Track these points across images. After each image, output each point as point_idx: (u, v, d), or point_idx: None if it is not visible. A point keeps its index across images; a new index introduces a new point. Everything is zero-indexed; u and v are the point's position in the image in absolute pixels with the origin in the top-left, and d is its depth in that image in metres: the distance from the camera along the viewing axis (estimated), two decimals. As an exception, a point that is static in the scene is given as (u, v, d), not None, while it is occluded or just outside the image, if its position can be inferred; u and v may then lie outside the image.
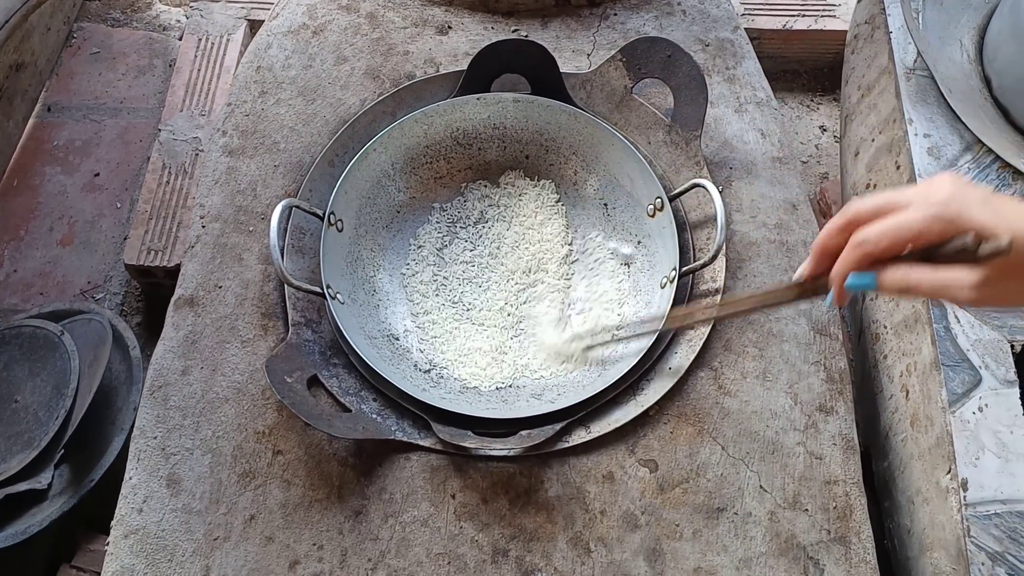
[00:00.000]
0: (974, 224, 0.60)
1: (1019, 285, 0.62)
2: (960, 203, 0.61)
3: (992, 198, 0.61)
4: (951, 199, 0.61)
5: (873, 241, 0.63)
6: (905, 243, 0.63)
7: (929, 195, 0.62)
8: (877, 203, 0.64)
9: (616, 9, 1.28)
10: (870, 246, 0.63)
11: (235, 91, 1.17)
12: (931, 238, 0.62)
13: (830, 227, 0.67)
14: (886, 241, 0.63)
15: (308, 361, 0.98)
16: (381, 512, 0.92)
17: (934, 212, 0.61)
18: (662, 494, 0.94)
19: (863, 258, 0.64)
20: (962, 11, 1.23)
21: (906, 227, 0.62)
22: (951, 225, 0.61)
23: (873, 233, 0.63)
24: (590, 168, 1.15)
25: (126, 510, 0.91)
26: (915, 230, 0.62)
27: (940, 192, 0.62)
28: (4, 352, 1.28)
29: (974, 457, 0.93)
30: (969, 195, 0.61)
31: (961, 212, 0.60)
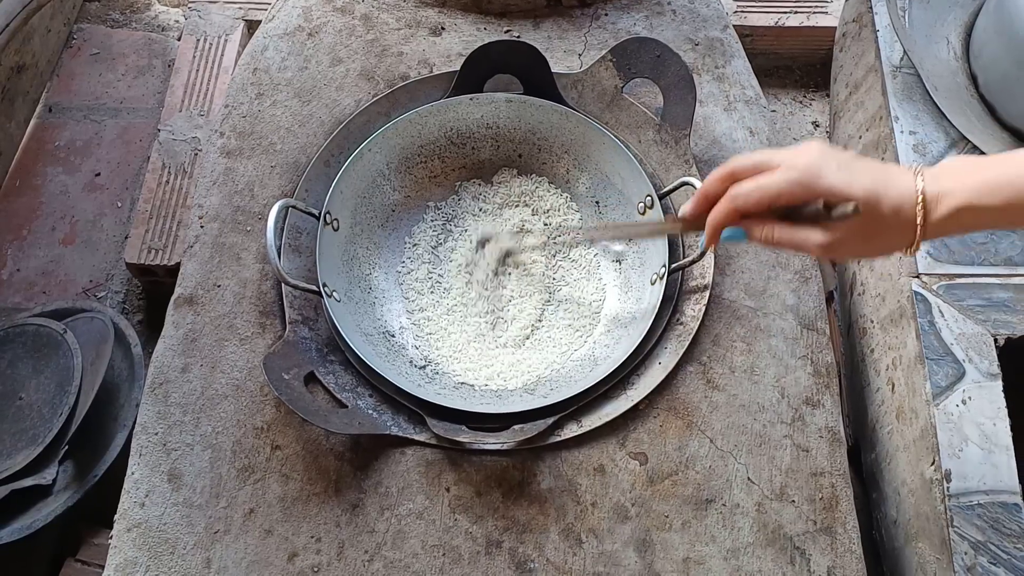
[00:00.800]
0: (828, 190, 0.68)
1: (861, 242, 0.70)
2: (819, 168, 0.68)
3: (851, 163, 0.69)
4: (811, 164, 0.68)
5: (743, 197, 0.71)
6: (769, 203, 0.70)
7: (795, 159, 0.69)
8: (753, 160, 0.72)
9: (607, 9, 1.30)
10: (740, 201, 0.71)
11: (232, 93, 1.19)
12: (791, 200, 0.70)
13: (713, 176, 0.75)
14: (754, 198, 0.70)
15: (305, 358, 1.00)
16: (377, 505, 0.94)
17: (794, 177, 0.68)
18: (652, 486, 0.96)
19: (734, 212, 0.72)
20: (949, 9, 1.25)
21: (770, 188, 0.70)
22: (807, 190, 0.68)
23: (743, 191, 0.71)
24: (582, 167, 1.17)
25: (129, 504, 0.94)
26: (777, 192, 0.69)
27: (804, 157, 0.69)
28: (8, 350, 1.30)
29: (957, 449, 0.95)
30: (829, 161, 0.68)
31: (818, 178, 0.68)
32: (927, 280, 1.05)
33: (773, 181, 0.69)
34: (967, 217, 0.67)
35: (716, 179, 0.74)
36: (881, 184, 0.68)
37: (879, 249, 0.74)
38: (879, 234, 0.70)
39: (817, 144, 0.70)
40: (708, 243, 0.77)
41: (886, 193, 0.67)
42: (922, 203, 0.67)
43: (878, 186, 0.67)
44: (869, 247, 0.72)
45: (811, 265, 1.08)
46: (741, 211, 0.72)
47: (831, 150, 0.70)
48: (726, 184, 0.73)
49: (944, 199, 0.67)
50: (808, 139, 0.71)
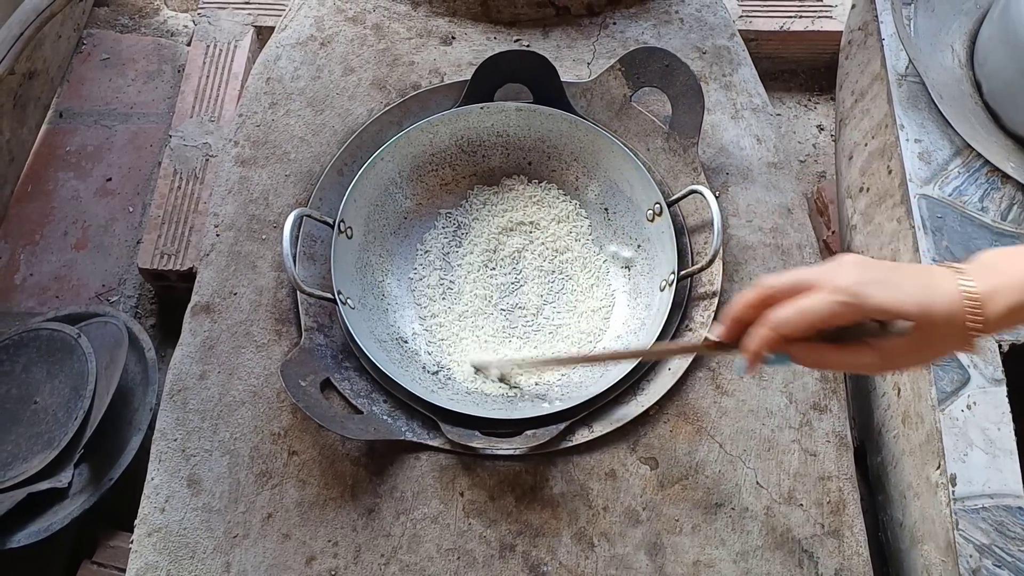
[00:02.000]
0: (878, 309, 0.65)
1: (918, 354, 0.68)
2: (864, 286, 0.65)
3: (892, 276, 0.67)
4: (856, 284, 0.66)
5: (786, 325, 0.67)
6: (814, 327, 0.67)
7: (835, 278, 0.66)
8: (787, 282, 0.69)
9: (615, 18, 1.31)
10: (785, 330, 0.68)
11: (246, 102, 1.21)
12: (838, 322, 0.67)
13: (744, 300, 0.71)
14: (797, 325, 0.67)
15: (321, 365, 1.01)
16: (393, 510, 0.96)
17: (841, 299, 0.65)
18: (662, 490, 0.97)
19: (777, 339, 0.69)
20: (953, 17, 1.26)
21: (815, 312, 0.66)
22: (855, 310, 0.65)
23: (785, 317, 0.67)
24: (591, 174, 1.18)
25: (149, 509, 0.95)
26: (823, 315, 0.66)
27: (846, 277, 0.66)
28: (23, 354, 1.32)
29: (963, 453, 0.97)
30: (872, 277, 0.66)
31: (866, 297, 0.65)
32: (932, 286, 1.06)
33: (818, 304, 0.66)
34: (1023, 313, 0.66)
35: (749, 304, 0.71)
36: (928, 295, 0.66)
37: (934, 356, 0.72)
38: (933, 343, 0.68)
39: (852, 259, 0.69)
40: (751, 370, 0.73)
41: (934, 303, 0.65)
42: (975, 306, 0.65)
43: (926, 298, 0.65)
44: (924, 356, 0.70)
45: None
46: (785, 339, 0.69)
47: (869, 264, 0.68)
48: (759, 309, 0.70)
49: (998, 298, 0.65)
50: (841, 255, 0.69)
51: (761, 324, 0.69)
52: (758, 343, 0.70)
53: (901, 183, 1.12)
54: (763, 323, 0.69)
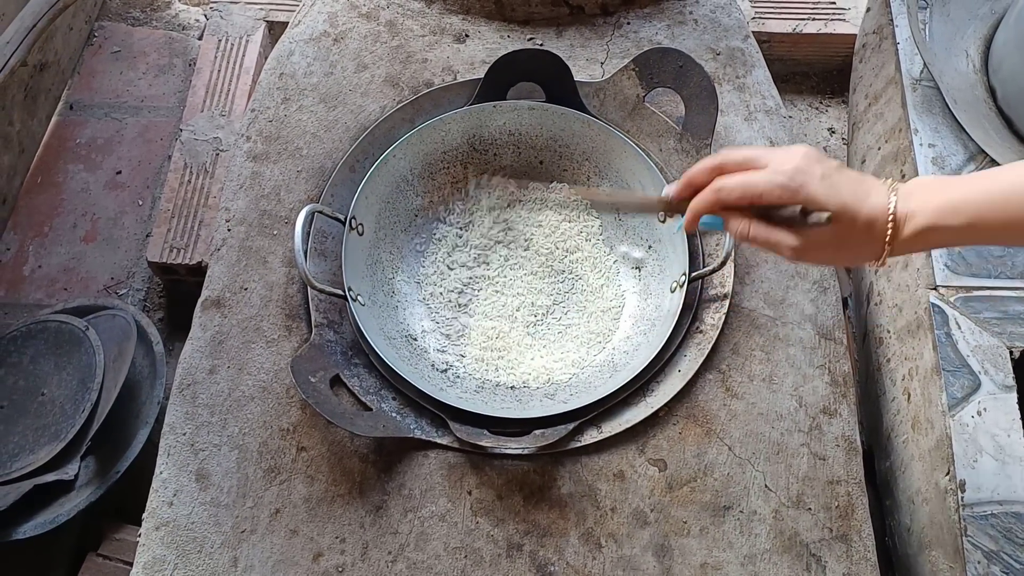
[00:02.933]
0: (808, 197, 0.71)
1: (832, 250, 0.74)
2: (803, 175, 0.71)
3: (834, 173, 0.72)
4: (796, 171, 0.71)
5: (727, 191, 0.74)
6: (751, 199, 0.73)
7: (783, 163, 0.72)
8: (742, 156, 0.75)
9: (629, 18, 1.31)
10: (723, 194, 0.74)
11: (258, 97, 1.21)
12: (771, 201, 0.72)
13: (702, 165, 0.77)
14: (736, 194, 0.73)
15: (330, 361, 1.01)
16: (401, 507, 0.96)
17: (779, 180, 0.71)
18: (670, 492, 0.97)
19: (716, 203, 0.75)
20: (968, 22, 1.26)
21: (754, 187, 0.72)
22: (789, 193, 0.71)
23: (728, 184, 0.74)
24: (603, 174, 1.18)
25: (157, 503, 0.95)
26: (760, 191, 0.72)
27: (791, 162, 0.72)
28: (30, 346, 1.32)
29: (972, 459, 0.97)
30: (814, 169, 0.71)
31: (802, 185, 0.71)
32: (944, 292, 1.06)
33: (758, 180, 0.72)
34: (932, 236, 0.70)
35: (704, 169, 0.77)
36: (857, 198, 0.71)
37: (847, 259, 0.78)
38: (849, 245, 0.73)
39: (804, 149, 0.73)
40: (688, 226, 0.79)
41: (860, 208, 0.70)
42: (892, 221, 0.70)
43: (854, 200, 0.70)
44: (838, 256, 0.76)
45: (829, 275, 1.09)
46: (723, 203, 0.75)
47: (817, 158, 0.72)
48: (712, 175, 0.76)
49: (911, 219, 0.70)
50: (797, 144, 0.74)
51: (707, 188, 0.76)
52: (700, 203, 0.76)
53: (914, 188, 1.12)
54: (709, 187, 0.75)
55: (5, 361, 1.31)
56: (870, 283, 1.25)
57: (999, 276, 1.06)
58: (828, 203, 0.70)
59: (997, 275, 1.07)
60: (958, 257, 1.07)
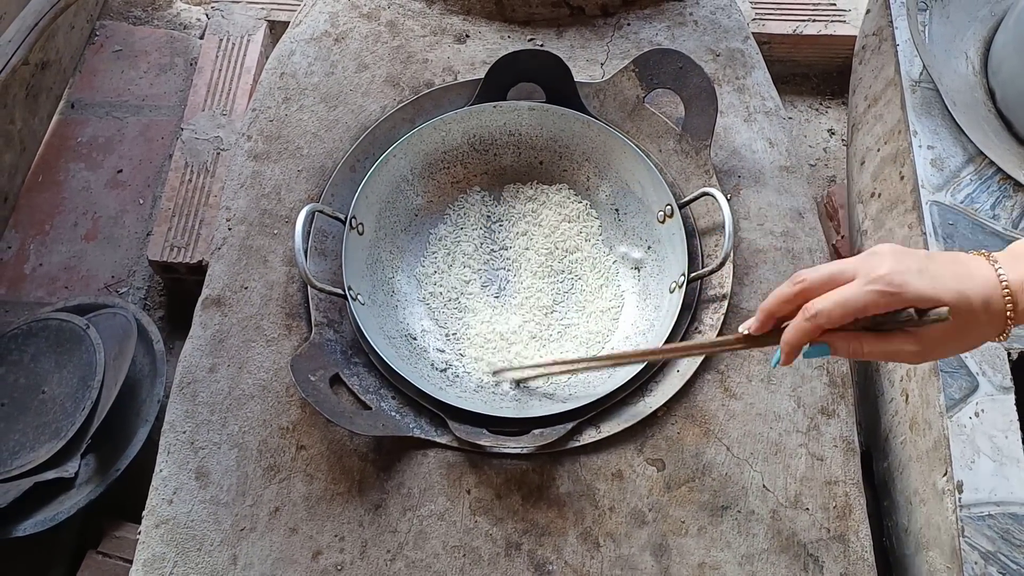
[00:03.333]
0: (917, 297, 0.66)
1: (957, 342, 0.69)
2: (902, 275, 0.66)
3: (929, 265, 0.67)
4: (893, 272, 0.66)
5: (825, 315, 0.68)
6: (853, 316, 0.68)
7: (872, 268, 0.67)
8: (824, 274, 0.69)
9: (629, 19, 1.31)
10: (822, 319, 0.68)
11: (259, 97, 1.21)
12: (877, 311, 0.67)
13: (780, 294, 0.72)
14: (836, 315, 0.68)
15: (330, 360, 1.02)
16: (399, 506, 0.96)
17: (879, 288, 0.66)
18: (669, 492, 0.98)
19: (815, 329, 0.69)
20: (968, 24, 1.26)
21: (854, 302, 0.67)
22: (895, 298, 0.66)
23: (825, 308, 0.68)
24: (602, 175, 1.19)
25: (157, 501, 0.96)
26: (862, 305, 0.67)
27: (882, 266, 0.67)
28: (31, 344, 1.32)
29: (970, 460, 0.97)
30: (909, 266, 0.67)
31: (904, 286, 0.66)
32: (942, 293, 1.06)
33: (856, 294, 0.67)
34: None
35: (785, 297, 0.72)
36: (963, 282, 0.66)
37: (972, 344, 0.72)
38: (972, 332, 0.68)
39: (888, 248, 0.69)
40: (786, 362, 0.74)
41: (972, 291, 0.66)
42: (1009, 293, 0.66)
43: (962, 285, 0.66)
44: (963, 344, 0.71)
45: (828, 276, 1.10)
46: (824, 329, 0.70)
47: (906, 253, 0.68)
48: (797, 303, 0.71)
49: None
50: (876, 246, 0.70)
51: (800, 316, 0.70)
52: (797, 335, 0.70)
53: (913, 189, 1.12)
54: (802, 315, 0.70)
55: (6, 359, 1.32)
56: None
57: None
58: (941, 296, 0.66)
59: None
60: (956, 259, 1.08)
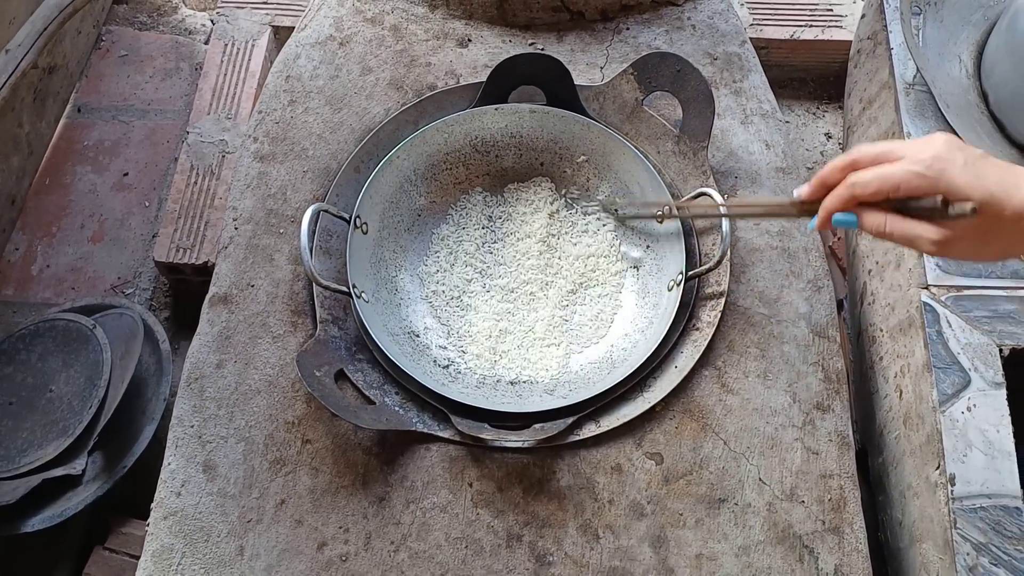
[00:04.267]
0: (949, 186, 0.67)
1: (977, 244, 0.70)
2: (943, 163, 0.67)
3: (978, 161, 0.67)
4: (936, 159, 0.67)
5: (862, 186, 0.71)
6: (888, 192, 0.70)
7: (920, 152, 0.68)
8: (876, 151, 0.72)
9: (628, 24, 1.34)
10: (859, 189, 0.71)
11: (265, 99, 1.23)
12: (910, 192, 0.69)
13: (834, 164, 0.74)
14: (872, 188, 0.70)
15: (335, 356, 1.04)
16: (403, 498, 0.98)
17: (918, 169, 0.68)
18: (667, 485, 0.99)
19: (851, 199, 0.72)
20: (961, 28, 1.28)
21: (891, 178, 0.69)
22: (929, 183, 0.67)
23: (863, 179, 0.71)
24: (602, 175, 1.21)
25: (165, 493, 0.98)
26: (897, 182, 0.69)
27: (930, 150, 0.68)
28: (38, 344, 1.34)
29: (962, 454, 0.99)
30: (955, 157, 0.67)
31: (942, 173, 0.67)
32: (936, 291, 1.08)
33: (894, 171, 0.69)
34: None
35: (836, 167, 0.74)
36: (1005, 189, 0.66)
37: (994, 254, 0.72)
38: (996, 238, 0.69)
39: (944, 137, 0.69)
40: (820, 225, 0.76)
41: (1009, 199, 0.66)
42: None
43: (1001, 190, 0.66)
44: (984, 250, 0.71)
45: (823, 274, 1.12)
46: (858, 198, 0.72)
47: (959, 145, 0.68)
48: (845, 172, 0.73)
49: None
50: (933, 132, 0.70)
51: (841, 184, 0.72)
52: (834, 200, 0.73)
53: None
54: (843, 183, 0.72)
55: (14, 359, 1.33)
56: (864, 283, 1.28)
57: (989, 276, 1.09)
58: (972, 193, 0.66)
59: (987, 275, 1.09)
60: (949, 257, 1.10)
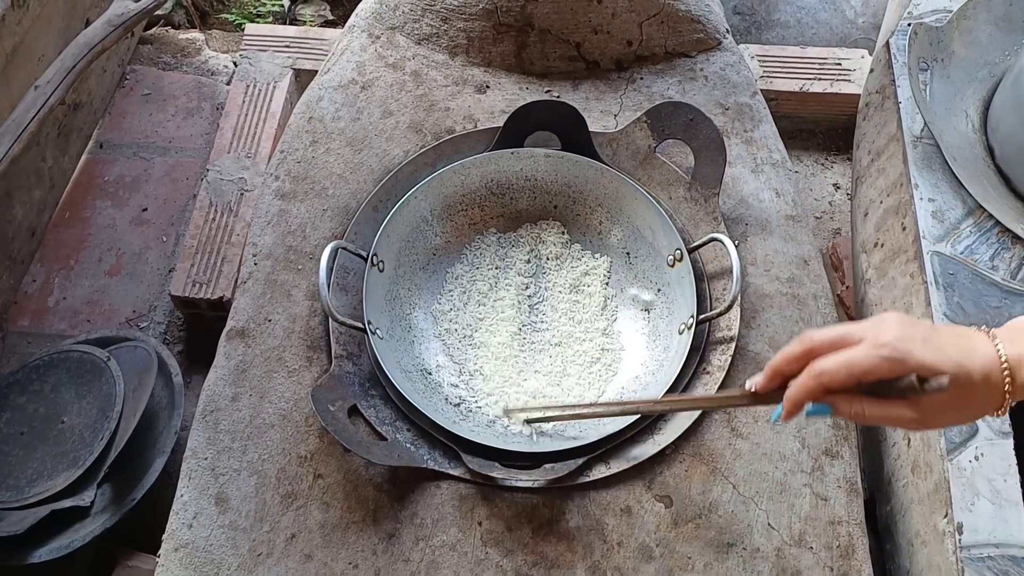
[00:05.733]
0: (920, 365, 0.67)
1: (956, 412, 0.71)
2: (906, 343, 0.68)
3: (933, 335, 0.69)
4: (898, 339, 0.68)
5: (830, 375, 0.70)
6: (857, 379, 0.69)
7: (879, 334, 0.69)
8: (832, 336, 0.71)
9: (642, 73, 1.37)
10: (826, 378, 0.70)
11: (287, 139, 1.26)
12: (880, 375, 0.69)
13: (788, 353, 0.74)
14: (841, 376, 0.69)
15: (349, 392, 1.05)
16: (412, 535, 0.98)
17: (884, 353, 0.68)
18: (676, 528, 1.00)
19: (819, 388, 0.71)
20: (968, 84, 1.31)
21: (859, 365, 0.69)
22: (899, 364, 0.68)
23: (830, 367, 0.70)
24: (614, 219, 1.23)
25: (177, 525, 0.98)
26: (867, 368, 0.68)
27: (888, 332, 0.69)
28: (52, 375, 1.35)
29: (970, 503, 0.99)
30: (914, 335, 0.68)
31: (908, 353, 0.67)
32: (943, 341, 1.09)
33: (862, 357, 0.69)
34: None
35: (791, 356, 0.74)
36: (965, 355, 0.68)
37: (970, 416, 0.74)
38: (970, 403, 0.70)
39: (895, 317, 0.71)
40: (787, 417, 0.75)
41: (973, 364, 0.68)
42: (1007, 369, 0.68)
43: (963, 357, 0.68)
44: (961, 415, 0.73)
45: (832, 322, 1.13)
46: (827, 388, 0.71)
47: (912, 322, 0.70)
48: (802, 362, 0.73)
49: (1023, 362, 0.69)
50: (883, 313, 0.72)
51: (805, 374, 0.71)
52: (800, 392, 0.72)
53: (915, 240, 1.16)
54: (807, 373, 0.71)
55: (27, 389, 1.34)
56: (872, 331, 1.29)
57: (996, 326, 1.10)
58: (942, 367, 0.67)
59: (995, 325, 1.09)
60: (957, 307, 1.11)
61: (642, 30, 1.37)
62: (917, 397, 0.69)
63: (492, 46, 1.36)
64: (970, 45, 1.32)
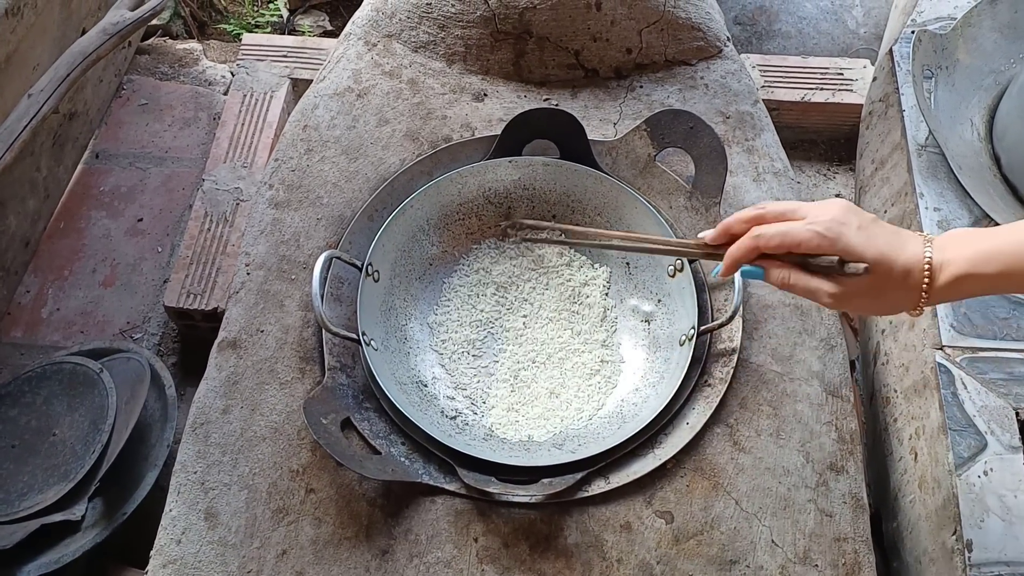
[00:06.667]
0: (846, 248, 0.74)
1: (871, 300, 0.77)
2: (840, 226, 0.74)
3: (870, 225, 0.75)
4: (833, 221, 0.74)
5: (766, 239, 0.77)
6: (789, 247, 0.76)
7: (820, 213, 0.75)
8: (781, 208, 0.78)
9: (642, 82, 1.35)
10: (762, 241, 0.77)
11: (282, 147, 1.25)
12: (810, 250, 0.75)
13: (740, 215, 0.80)
14: (775, 242, 0.76)
15: (342, 404, 1.03)
16: (407, 552, 0.96)
17: (817, 230, 0.74)
18: (677, 545, 0.97)
19: (754, 250, 0.78)
20: (973, 92, 1.30)
21: (793, 236, 0.75)
22: (828, 243, 0.74)
23: (767, 232, 0.77)
24: (614, 228, 1.20)
25: (165, 540, 0.96)
26: (798, 240, 0.75)
27: (828, 213, 0.75)
28: (44, 387, 1.33)
29: (979, 519, 0.97)
30: (851, 220, 0.75)
31: (839, 235, 0.74)
32: (950, 352, 1.07)
33: (797, 230, 0.75)
34: (966, 285, 0.73)
35: (742, 218, 0.80)
36: (893, 249, 0.74)
37: (885, 308, 0.79)
38: (886, 295, 0.76)
39: (842, 203, 0.76)
40: (725, 272, 0.82)
41: (897, 258, 0.73)
42: (928, 271, 0.73)
43: (891, 250, 0.74)
44: (876, 305, 0.78)
45: (836, 333, 1.11)
46: (761, 251, 0.78)
47: (854, 210, 0.76)
48: (750, 225, 0.79)
49: (946, 268, 0.73)
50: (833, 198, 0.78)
51: (747, 235, 0.78)
52: (739, 251, 0.79)
53: (920, 250, 1.14)
54: (748, 235, 0.78)
55: (19, 401, 1.33)
56: (877, 343, 1.27)
57: (1004, 338, 1.08)
58: (865, 254, 0.73)
59: (1003, 336, 1.08)
60: (964, 318, 1.09)
61: (642, 38, 1.35)
62: (838, 276, 0.75)
63: (490, 54, 1.35)
64: (975, 53, 1.31)
